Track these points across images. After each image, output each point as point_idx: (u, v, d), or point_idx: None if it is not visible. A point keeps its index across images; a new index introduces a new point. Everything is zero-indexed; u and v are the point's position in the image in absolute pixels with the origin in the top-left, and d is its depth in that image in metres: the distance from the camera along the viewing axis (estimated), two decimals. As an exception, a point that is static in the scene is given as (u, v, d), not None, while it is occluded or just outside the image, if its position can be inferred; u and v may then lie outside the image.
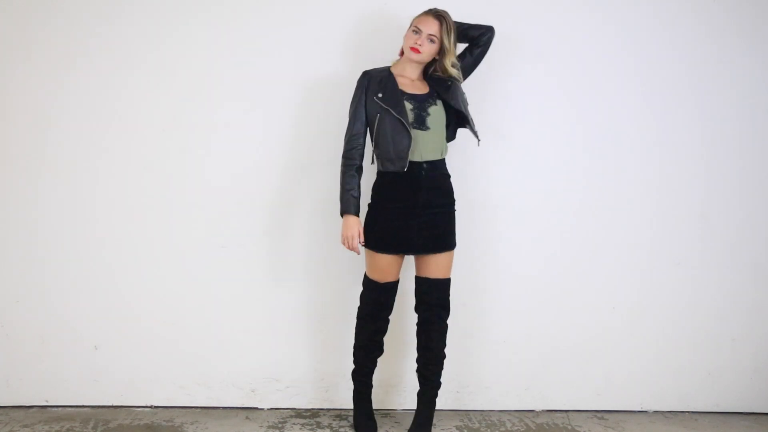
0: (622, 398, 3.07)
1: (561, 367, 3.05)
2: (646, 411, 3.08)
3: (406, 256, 2.69)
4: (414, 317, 2.74)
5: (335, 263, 2.93)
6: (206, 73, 2.94)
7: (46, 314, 2.97)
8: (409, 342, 2.91)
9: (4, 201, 2.95)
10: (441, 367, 2.71)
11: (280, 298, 3.00)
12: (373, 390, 2.82)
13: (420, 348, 2.71)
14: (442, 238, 2.62)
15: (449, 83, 2.64)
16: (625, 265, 3.03)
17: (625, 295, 3.05)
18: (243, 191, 2.96)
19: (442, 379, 2.73)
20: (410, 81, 2.65)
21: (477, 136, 2.66)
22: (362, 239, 2.59)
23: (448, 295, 2.68)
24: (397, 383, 3.02)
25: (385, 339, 2.75)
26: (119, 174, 2.95)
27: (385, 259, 2.60)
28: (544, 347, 3.04)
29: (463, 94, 2.68)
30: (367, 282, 2.67)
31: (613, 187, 3.01)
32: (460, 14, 2.93)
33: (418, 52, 2.56)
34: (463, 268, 2.99)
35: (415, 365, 2.75)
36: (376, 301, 2.65)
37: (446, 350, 2.70)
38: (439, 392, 2.73)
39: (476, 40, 2.70)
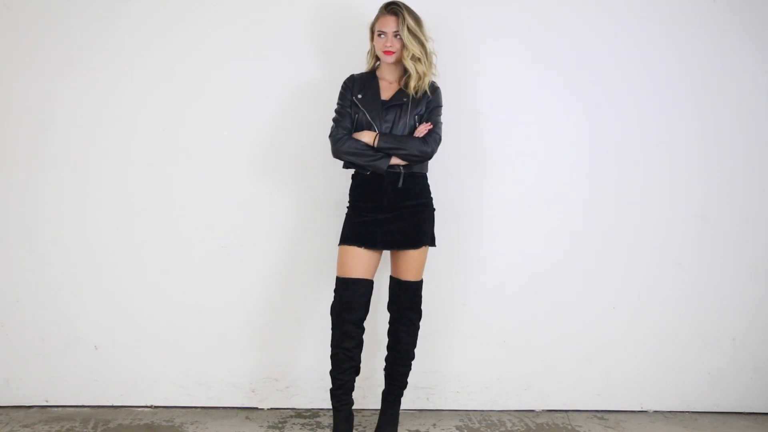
0: (622, 398, 3.07)
1: (561, 367, 3.04)
2: (646, 411, 3.08)
3: (381, 259, 2.63)
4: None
5: (336, 263, 2.92)
6: (207, 73, 2.94)
7: (46, 314, 2.97)
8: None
9: (4, 201, 2.95)
10: (409, 368, 2.68)
11: (280, 298, 3.00)
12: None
13: (389, 347, 2.68)
14: (409, 235, 2.55)
15: (426, 90, 2.55)
16: (626, 264, 3.03)
17: (626, 295, 3.04)
18: (243, 191, 2.96)
19: (442, 379, 2.71)
20: (388, 84, 2.63)
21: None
22: None
23: (419, 297, 2.64)
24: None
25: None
26: (120, 174, 2.95)
27: (350, 253, 2.55)
28: (544, 347, 3.04)
29: (431, 101, 2.58)
30: (335, 282, 2.60)
31: (613, 186, 3.01)
32: (462, 13, 2.93)
33: (392, 53, 2.52)
34: (462, 268, 2.99)
35: (383, 364, 2.72)
36: (339, 301, 2.55)
37: (446, 350, 2.69)
38: (439, 392, 2.72)
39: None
